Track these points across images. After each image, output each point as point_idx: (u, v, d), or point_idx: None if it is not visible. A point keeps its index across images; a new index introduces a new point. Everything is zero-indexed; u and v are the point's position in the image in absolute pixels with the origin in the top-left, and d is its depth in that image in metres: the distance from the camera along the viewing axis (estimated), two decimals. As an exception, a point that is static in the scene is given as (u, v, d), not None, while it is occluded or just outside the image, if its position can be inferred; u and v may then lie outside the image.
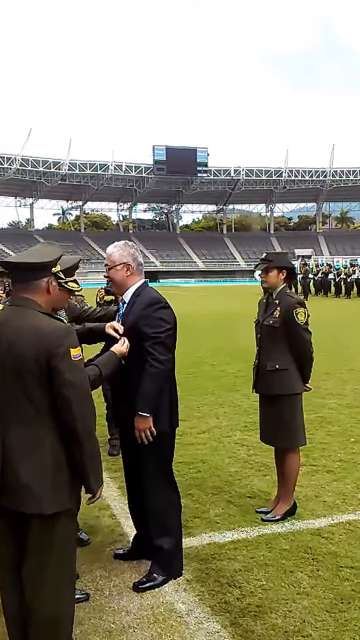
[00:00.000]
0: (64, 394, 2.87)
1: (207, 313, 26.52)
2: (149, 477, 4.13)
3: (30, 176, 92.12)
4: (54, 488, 2.90)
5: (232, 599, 3.83)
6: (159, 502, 4.14)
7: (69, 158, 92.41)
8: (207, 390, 10.18)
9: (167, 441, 4.14)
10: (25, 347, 2.87)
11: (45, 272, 3.07)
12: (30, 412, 2.90)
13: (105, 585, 4.10)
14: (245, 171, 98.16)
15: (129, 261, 4.14)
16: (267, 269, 5.09)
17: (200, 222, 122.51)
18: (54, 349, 2.87)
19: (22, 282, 3.05)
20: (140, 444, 4.03)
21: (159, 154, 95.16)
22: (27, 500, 2.86)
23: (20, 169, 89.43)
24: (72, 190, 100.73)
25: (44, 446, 2.90)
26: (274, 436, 5.07)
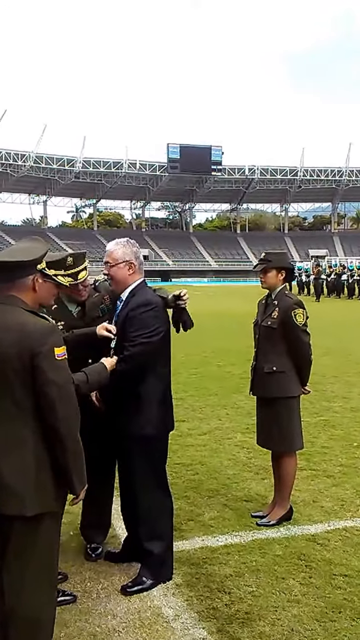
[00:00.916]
0: (46, 393, 2.83)
1: (216, 313, 26.44)
2: (138, 480, 4.07)
3: (44, 173, 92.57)
4: (37, 489, 2.85)
5: (220, 605, 3.76)
6: (150, 505, 4.08)
7: (82, 156, 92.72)
8: (210, 391, 10.11)
9: (154, 445, 4.06)
10: (8, 345, 2.82)
11: (30, 269, 3.02)
12: (12, 411, 2.85)
13: (93, 588, 4.05)
14: (260, 170, 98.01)
15: (131, 259, 4.07)
16: (266, 269, 5.01)
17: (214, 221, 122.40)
18: (38, 347, 2.82)
19: (6, 281, 3.00)
20: (128, 448, 4.04)
21: (173, 152, 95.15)
22: (9, 501, 2.81)
23: (34, 166, 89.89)
24: (85, 188, 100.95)
25: (27, 446, 2.85)
26: (270, 439, 4.99)
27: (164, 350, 4.07)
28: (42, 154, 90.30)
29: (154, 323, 3.93)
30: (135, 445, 4.02)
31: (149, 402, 3.98)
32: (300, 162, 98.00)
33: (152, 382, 4.00)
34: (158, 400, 4.02)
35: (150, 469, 4.06)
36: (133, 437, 4.02)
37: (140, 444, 3.99)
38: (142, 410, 3.96)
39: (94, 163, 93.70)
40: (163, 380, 4.10)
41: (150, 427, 3.97)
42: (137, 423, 3.96)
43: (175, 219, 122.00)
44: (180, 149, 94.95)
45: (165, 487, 4.22)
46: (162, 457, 4.20)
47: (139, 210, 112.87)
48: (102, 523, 4.60)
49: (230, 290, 51.90)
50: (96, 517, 4.56)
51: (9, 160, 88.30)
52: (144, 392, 3.98)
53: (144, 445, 3.98)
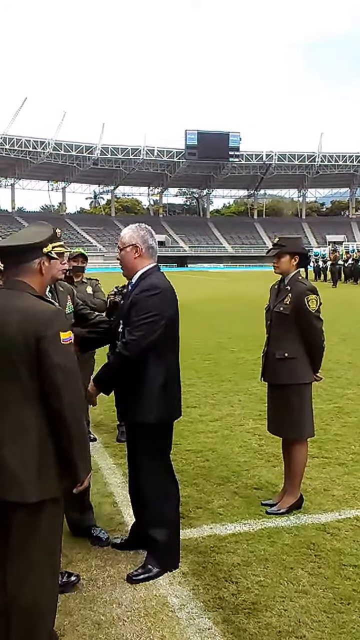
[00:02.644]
0: (52, 377, 2.77)
1: (232, 298, 26.38)
2: (143, 467, 4.02)
3: (63, 160, 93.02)
4: (39, 476, 2.80)
5: (227, 594, 3.69)
6: (155, 492, 4.01)
7: (101, 142, 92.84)
8: (224, 377, 10.03)
9: (157, 432, 3.98)
10: (13, 330, 2.77)
11: (36, 253, 2.97)
12: (18, 396, 2.79)
13: (99, 575, 3.99)
14: (277, 156, 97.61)
15: (137, 243, 3.99)
16: (279, 254, 4.90)
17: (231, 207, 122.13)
18: (43, 331, 2.77)
19: (13, 266, 2.96)
20: (132, 434, 4.04)
21: (191, 139, 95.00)
22: (12, 488, 2.75)
23: (53, 153, 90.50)
24: (104, 175, 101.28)
25: (31, 432, 2.80)
26: (280, 426, 4.91)
27: (170, 336, 3.96)
28: (61, 141, 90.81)
29: (157, 307, 3.83)
30: (138, 431, 3.97)
31: (151, 389, 3.89)
32: (319, 148, 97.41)
33: (155, 369, 3.90)
34: (161, 388, 3.91)
35: (155, 456, 3.99)
36: (136, 423, 3.98)
37: (143, 431, 3.93)
38: (144, 397, 3.89)
39: (112, 150, 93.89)
40: (168, 368, 3.98)
41: (152, 415, 3.89)
42: (140, 410, 3.90)
43: (193, 205, 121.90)
44: (198, 135, 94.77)
45: (171, 474, 4.15)
46: (167, 444, 4.13)
47: (157, 196, 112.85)
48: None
49: (246, 276, 51.64)
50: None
51: (29, 148, 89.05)
52: (147, 378, 3.89)
53: (147, 432, 3.92)
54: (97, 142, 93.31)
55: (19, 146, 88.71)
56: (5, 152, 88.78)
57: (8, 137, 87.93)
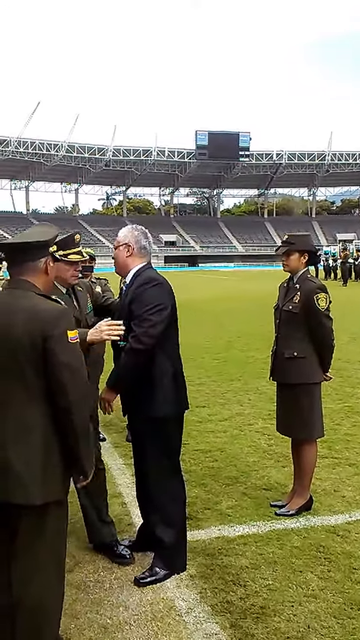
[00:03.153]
0: (58, 376, 2.76)
1: (241, 297, 26.27)
2: (149, 465, 3.97)
3: (76, 162, 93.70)
4: (44, 477, 2.77)
5: (235, 598, 3.62)
6: (160, 492, 3.95)
7: (113, 144, 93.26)
8: (233, 376, 9.96)
9: (167, 426, 3.90)
10: (19, 329, 2.74)
11: (41, 252, 2.94)
12: (23, 395, 2.76)
13: (106, 578, 3.94)
14: (287, 155, 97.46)
15: (129, 242, 4.00)
16: (289, 252, 4.83)
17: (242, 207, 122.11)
18: (50, 330, 2.75)
19: (18, 264, 2.92)
20: (141, 431, 3.97)
21: (201, 139, 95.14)
22: (17, 490, 2.71)
23: (66, 155, 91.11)
24: (115, 176, 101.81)
25: (36, 432, 2.76)
26: (289, 426, 4.83)
27: (172, 328, 3.92)
28: (74, 144, 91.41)
29: (159, 297, 3.81)
30: (148, 427, 3.91)
31: (160, 382, 3.84)
32: (329, 146, 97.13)
33: (162, 362, 3.86)
34: (169, 380, 3.87)
35: (163, 453, 3.93)
36: (146, 419, 3.92)
37: (153, 426, 3.87)
38: (154, 390, 3.84)
39: (123, 151, 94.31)
40: (173, 360, 3.94)
41: (162, 408, 3.84)
42: (149, 404, 3.85)
43: (203, 205, 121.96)
44: (208, 136, 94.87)
45: (178, 473, 4.09)
46: (176, 439, 4.04)
47: (168, 196, 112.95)
48: None
49: (256, 275, 51.52)
50: None
51: (42, 150, 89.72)
52: (155, 372, 3.84)
53: (157, 428, 3.87)
54: (109, 144, 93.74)
55: (32, 149, 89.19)
56: (20, 154, 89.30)
57: (22, 140, 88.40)
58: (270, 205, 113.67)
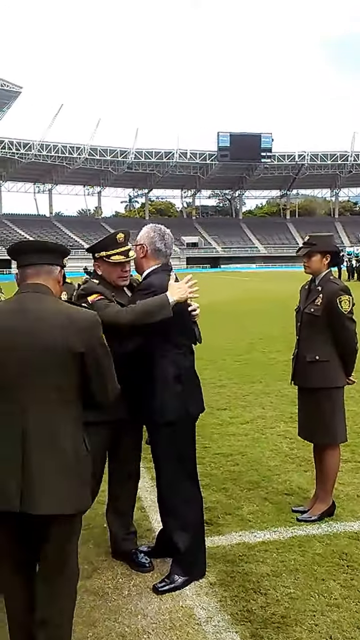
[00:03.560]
0: (100, 380, 2.82)
1: (263, 298, 26.11)
2: (160, 468, 3.93)
3: (98, 165, 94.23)
4: (76, 486, 2.74)
5: (255, 607, 3.54)
6: (172, 496, 3.90)
7: (135, 147, 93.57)
8: (254, 379, 9.88)
9: (174, 430, 3.82)
10: (55, 335, 2.68)
11: (59, 260, 2.93)
12: (54, 402, 2.70)
13: (124, 584, 3.88)
14: (309, 156, 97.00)
15: (144, 243, 3.96)
16: (310, 253, 4.73)
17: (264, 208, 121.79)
18: (90, 337, 2.76)
19: (35, 267, 2.84)
20: (150, 434, 3.95)
21: (223, 141, 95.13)
22: (49, 501, 2.64)
23: (88, 158, 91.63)
24: (138, 178, 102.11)
25: (68, 439, 2.73)
26: (312, 431, 4.74)
27: (173, 333, 3.83)
28: (96, 147, 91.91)
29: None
30: (155, 432, 3.88)
31: (161, 385, 3.78)
32: (351, 147, 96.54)
33: (164, 367, 3.79)
34: (172, 383, 3.79)
35: (174, 457, 3.86)
36: (152, 423, 3.90)
37: (159, 431, 3.83)
38: (156, 396, 3.78)
39: (145, 154, 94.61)
40: (178, 364, 3.85)
41: (167, 413, 3.77)
42: (154, 409, 3.80)
43: (225, 207, 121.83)
44: (230, 137, 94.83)
45: (194, 477, 4.02)
46: (186, 443, 3.95)
47: (190, 198, 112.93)
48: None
49: (279, 276, 51.21)
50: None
51: (65, 153, 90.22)
52: (157, 377, 3.79)
53: (163, 432, 3.81)
54: (131, 147, 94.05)
55: (55, 152, 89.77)
56: (43, 158, 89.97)
57: (45, 144, 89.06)
58: (293, 206, 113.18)
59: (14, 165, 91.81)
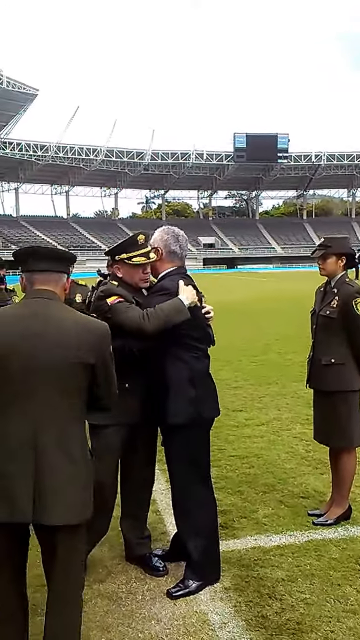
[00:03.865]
0: (107, 387, 2.86)
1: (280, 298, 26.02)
2: (173, 471, 3.90)
3: (115, 167, 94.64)
4: (84, 494, 2.73)
5: (270, 612, 3.49)
6: (186, 499, 3.86)
7: (151, 148, 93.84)
8: (270, 380, 9.84)
9: (187, 433, 3.78)
10: (69, 344, 2.67)
11: (67, 267, 2.92)
12: (64, 409, 2.68)
13: (138, 589, 3.85)
14: (326, 156, 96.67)
15: (158, 246, 3.92)
16: (325, 255, 4.68)
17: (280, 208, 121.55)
18: (105, 348, 2.79)
19: (44, 273, 2.81)
20: (164, 436, 3.91)
21: (240, 142, 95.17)
22: (62, 510, 2.62)
23: (105, 159, 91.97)
24: (154, 180, 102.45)
25: (77, 447, 2.71)
26: (327, 435, 4.68)
27: (187, 336, 3.80)
28: (113, 148, 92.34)
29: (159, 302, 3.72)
30: (169, 435, 3.85)
31: (176, 390, 3.75)
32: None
33: (177, 370, 3.76)
34: (185, 385, 3.76)
35: (186, 459, 3.82)
36: (165, 426, 3.86)
37: (173, 434, 3.80)
38: (169, 399, 3.75)
39: (162, 155, 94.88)
40: (192, 367, 3.81)
41: (179, 416, 3.74)
42: (167, 412, 3.76)
43: (242, 207, 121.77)
44: (246, 138, 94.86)
45: (207, 480, 3.98)
46: (200, 446, 3.91)
47: (206, 199, 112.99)
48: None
49: (296, 276, 51.04)
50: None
51: (82, 155, 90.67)
52: (169, 380, 3.75)
53: (177, 435, 3.79)
54: (148, 148, 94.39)
55: (72, 154, 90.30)
56: (60, 160, 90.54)
57: (62, 146, 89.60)
58: (310, 206, 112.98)
59: (31, 168, 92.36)
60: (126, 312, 3.60)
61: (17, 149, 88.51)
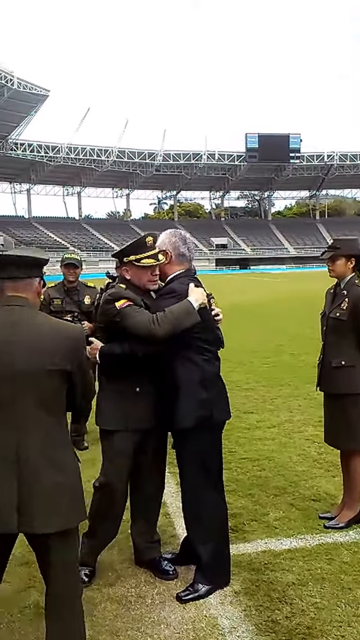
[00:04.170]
0: (82, 392, 2.88)
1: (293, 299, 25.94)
2: (183, 475, 3.88)
3: (127, 167, 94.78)
4: (73, 500, 2.73)
5: (280, 617, 3.47)
6: (196, 503, 3.84)
7: (163, 149, 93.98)
8: (283, 381, 9.80)
9: (198, 437, 3.76)
10: (44, 349, 2.66)
11: (38, 272, 2.84)
12: (44, 418, 2.68)
13: (147, 593, 3.83)
14: (339, 156, 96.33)
15: (167, 249, 3.89)
16: (334, 256, 4.65)
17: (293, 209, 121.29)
18: (80, 354, 2.81)
19: (15, 280, 2.76)
20: (175, 440, 3.89)
21: (252, 142, 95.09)
22: (48, 519, 2.62)
23: (117, 160, 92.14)
24: (166, 180, 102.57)
25: (62, 456, 2.72)
26: (337, 437, 4.65)
27: (198, 338, 3.78)
28: (124, 149, 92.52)
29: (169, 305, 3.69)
30: (178, 439, 3.83)
31: (186, 392, 3.72)
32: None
33: (188, 372, 3.73)
34: (197, 390, 3.74)
35: (196, 463, 3.80)
36: (175, 430, 3.84)
37: (183, 437, 3.78)
38: (180, 402, 3.72)
39: (174, 156, 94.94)
40: (203, 369, 3.79)
41: (189, 418, 3.71)
42: (176, 416, 3.74)
43: (254, 208, 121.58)
44: (258, 138, 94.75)
45: (218, 484, 3.96)
46: (211, 449, 3.89)
47: (218, 200, 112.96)
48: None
49: (308, 276, 50.87)
50: None
51: (93, 156, 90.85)
52: (180, 382, 3.73)
53: (187, 439, 3.77)
54: (159, 149, 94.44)
55: (83, 155, 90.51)
56: (71, 161, 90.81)
57: (73, 147, 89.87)
58: (322, 206, 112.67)
59: (42, 169, 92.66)
60: (135, 317, 3.59)
61: (28, 150, 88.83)
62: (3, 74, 76.09)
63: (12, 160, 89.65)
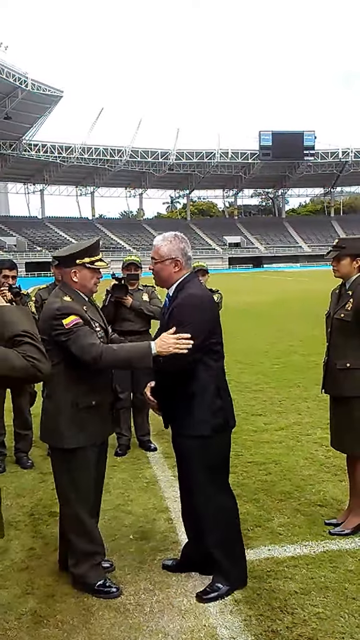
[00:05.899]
0: None
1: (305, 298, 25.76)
2: (193, 482, 3.80)
3: (140, 167, 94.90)
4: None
5: (281, 627, 3.38)
6: (208, 508, 3.77)
7: (176, 148, 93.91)
8: (292, 382, 9.69)
9: (211, 444, 3.70)
10: None
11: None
12: None
13: (146, 601, 3.75)
14: (354, 152, 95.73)
15: (177, 256, 3.76)
16: (339, 256, 4.55)
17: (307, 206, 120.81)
18: None
19: None
20: (184, 447, 3.79)
21: (265, 139, 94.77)
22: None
23: (130, 160, 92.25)
24: (179, 179, 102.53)
25: None
26: (343, 442, 4.54)
27: (214, 344, 3.72)
28: (137, 148, 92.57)
29: (196, 316, 3.59)
30: (191, 445, 3.73)
31: (202, 399, 3.66)
32: None
33: (204, 378, 3.66)
34: (212, 396, 3.68)
35: (207, 469, 3.73)
36: (189, 437, 3.74)
37: (195, 444, 3.70)
38: (195, 408, 3.66)
39: (186, 154, 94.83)
40: (216, 375, 3.74)
41: (205, 426, 3.65)
42: (191, 422, 3.67)
43: (268, 206, 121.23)
44: (272, 136, 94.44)
45: (227, 489, 3.90)
46: (221, 456, 3.84)
47: (232, 198, 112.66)
48: None
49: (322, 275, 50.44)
50: None
51: (107, 156, 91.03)
52: (197, 388, 3.66)
53: (199, 445, 3.68)
54: (172, 148, 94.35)
55: (97, 155, 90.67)
56: (85, 161, 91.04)
57: (87, 147, 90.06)
58: (337, 203, 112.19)
59: (56, 169, 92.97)
60: (82, 342, 3.54)
61: (42, 150, 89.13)
62: (17, 76, 76.32)
63: (26, 161, 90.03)
